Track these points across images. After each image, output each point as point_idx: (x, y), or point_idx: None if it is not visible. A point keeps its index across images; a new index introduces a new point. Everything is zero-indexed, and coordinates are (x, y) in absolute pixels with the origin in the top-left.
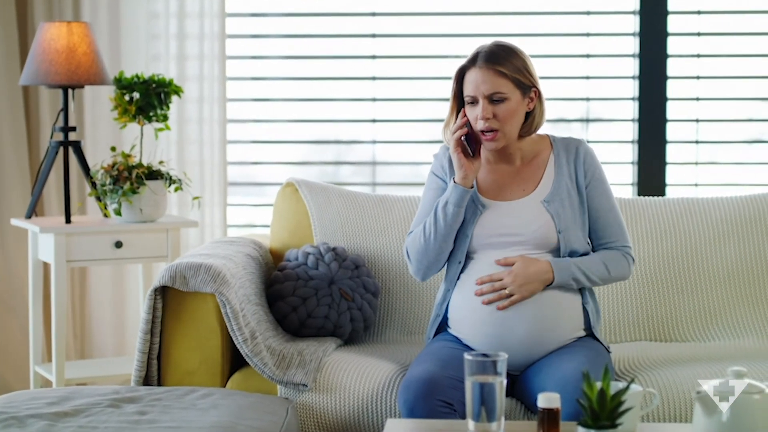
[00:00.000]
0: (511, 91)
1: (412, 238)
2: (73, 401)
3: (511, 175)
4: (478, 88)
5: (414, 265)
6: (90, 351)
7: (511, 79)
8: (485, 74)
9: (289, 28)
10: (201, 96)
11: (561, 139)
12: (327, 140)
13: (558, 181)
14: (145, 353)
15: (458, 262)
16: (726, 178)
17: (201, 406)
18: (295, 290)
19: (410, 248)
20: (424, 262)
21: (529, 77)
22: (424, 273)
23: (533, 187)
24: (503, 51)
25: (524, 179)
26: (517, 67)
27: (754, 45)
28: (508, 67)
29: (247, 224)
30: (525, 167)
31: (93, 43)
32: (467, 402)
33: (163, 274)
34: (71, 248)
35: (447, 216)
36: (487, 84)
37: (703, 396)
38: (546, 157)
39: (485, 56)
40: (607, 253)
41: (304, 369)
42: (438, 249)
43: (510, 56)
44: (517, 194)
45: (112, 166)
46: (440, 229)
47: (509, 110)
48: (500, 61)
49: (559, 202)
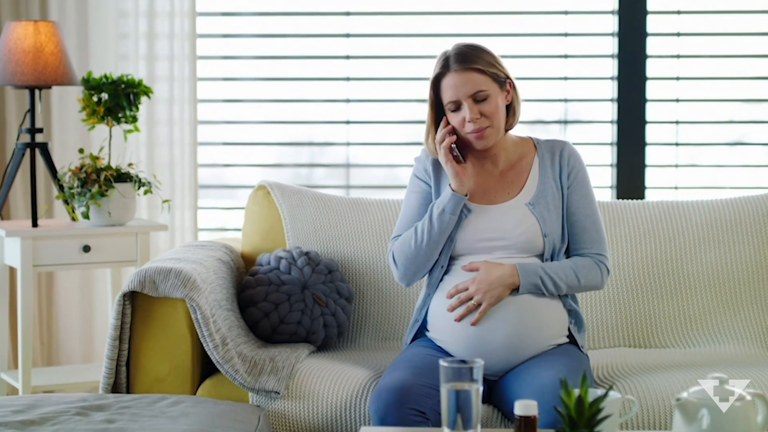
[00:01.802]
0: (490, 86)
1: (400, 244)
2: (39, 409)
3: (495, 179)
4: (459, 90)
5: (401, 271)
6: (57, 358)
7: (489, 75)
8: (463, 76)
9: (261, 27)
10: (171, 97)
11: (545, 141)
12: (300, 142)
13: (543, 183)
14: (113, 360)
15: (441, 266)
16: (707, 181)
17: (171, 414)
18: (267, 295)
19: (397, 254)
20: (412, 268)
21: (502, 69)
22: (410, 279)
23: (518, 190)
24: (472, 49)
25: (509, 182)
26: (489, 62)
27: (735, 45)
28: (481, 63)
29: (218, 228)
30: (509, 170)
31: (60, 42)
32: (443, 409)
33: (132, 279)
34: (38, 252)
35: (443, 223)
36: (468, 85)
37: (683, 403)
38: (530, 159)
39: (457, 58)
40: (579, 260)
41: (276, 376)
42: (428, 255)
43: (479, 53)
44: (502, 198)
45: (79, 169)
46: (434, 236)
47: (494, 105)
48: (473, 59)
49: (544, 204)
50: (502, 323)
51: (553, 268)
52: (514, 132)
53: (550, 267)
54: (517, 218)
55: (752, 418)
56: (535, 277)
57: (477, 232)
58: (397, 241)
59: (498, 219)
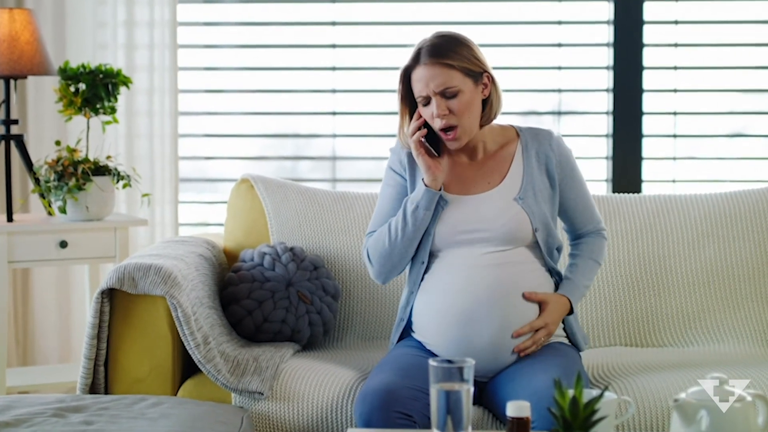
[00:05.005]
0: (462, 81)
1: (374, 241)
2: (14, 410)
3: (474, 168)
4: (428, 85)
5: (376, 269)
6: (33, 357)
7: (460, 70)
8: (432, 70)
9: (244, 15)
10: (151, 87)
11: (528, 129)
12: (284, 134)
13: (528, 174)
14: (91, 359)
15: (421, 262)
16: (706, 174)
17: (150, 415)
18: (250, 293)
19: (372, 251)
20: (388, 266)
21: (477, 63)
22: (386, 276)
23: (499, 179)
24: (446, 42)
25: (489, 172)
26: (463, 55)
27: (735, 34)
28: (453, 57)
29: (199, 223)
30: (489, 159)
31: (36, 31)
32: (432, 411)
33: (111, 275)
34: (13, 248)
35: (417, 220)
36: (437, 80)
37: (681, 404)
38: (513, 148)
39: (428, 51)
40: (590, 246)
41: (260, 376)
42: (404, 252)
43: (454, 45)
44: (482, 187)
45: (56, 162)
46: (408, 233)
47: (464, 102)
48: (445, 52)
49: (532, 197)
50: (489, 321)
51: (585, 276)
52: (496, 121)
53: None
54: (499, 208)
55: (752, 420)
56: (579, 296)
57: (456, 224)
58: (372, 237)
59: (478, 210)
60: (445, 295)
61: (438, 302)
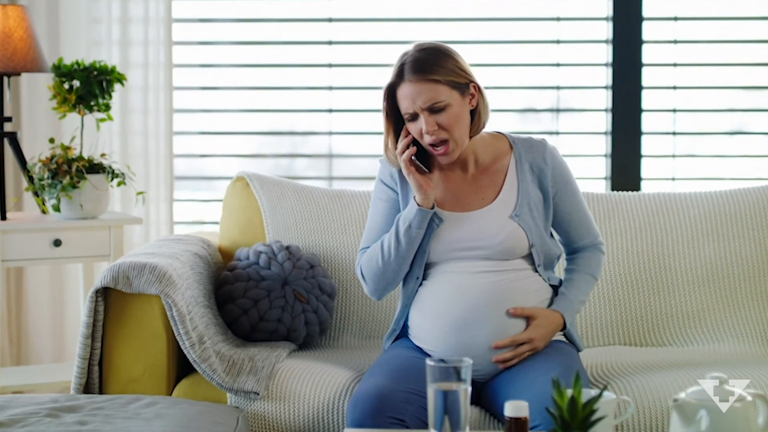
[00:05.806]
0: (449, 95)
1: (368, 258)
2: (8, 411)
3: (468, 183)
4: (414, 102)
5: (370, 286)
6: (27, 357)
7: (446, 83)
8: (417, 87)
9: (239, 12)
10: (146, 84)
11: (521, 140)
12: (280, 131)
13: (523, 189)
14: (85, 359)
15: (416, 278)
16: (705, 171)
17: (145, 415)
18: (246, 292)
19: (365, 269)
20: (382, 283)
21: (463, 74)
22: (381, 293)
23: (494, 195)
24: (429, 55)
25: (482, 187)
26: (448, 68)
27: (735, 30)
28: (438, 72)
29: (194, 221)
30: (482, 174)
31: (30, 27)
32: (429, 411)
33: (105, 274)
34: (6, 247)
35: (410, 239)
36: (423, 96)
37: (681, 404)
38: (506, 161)
39: (412, 67)
40: (587, 261)
41: (255, 376)
42: (397, 269)
43: (437, 58)
44: (476, 204)
45: (50, 159)
46: (401, 252)
47: (453, 116)
48: (429, 67)
49: (528, 213)
50: (484, 327)
51: (580, 291)
52: (487, 129)
53: (578, 292)
54: (498, 225)
55: (753, 420)
56: (573, 312)
57: (452, 241)
58: (365, 255)
59: (475, 227)
60: (440, 301)
61: (434, 308)
